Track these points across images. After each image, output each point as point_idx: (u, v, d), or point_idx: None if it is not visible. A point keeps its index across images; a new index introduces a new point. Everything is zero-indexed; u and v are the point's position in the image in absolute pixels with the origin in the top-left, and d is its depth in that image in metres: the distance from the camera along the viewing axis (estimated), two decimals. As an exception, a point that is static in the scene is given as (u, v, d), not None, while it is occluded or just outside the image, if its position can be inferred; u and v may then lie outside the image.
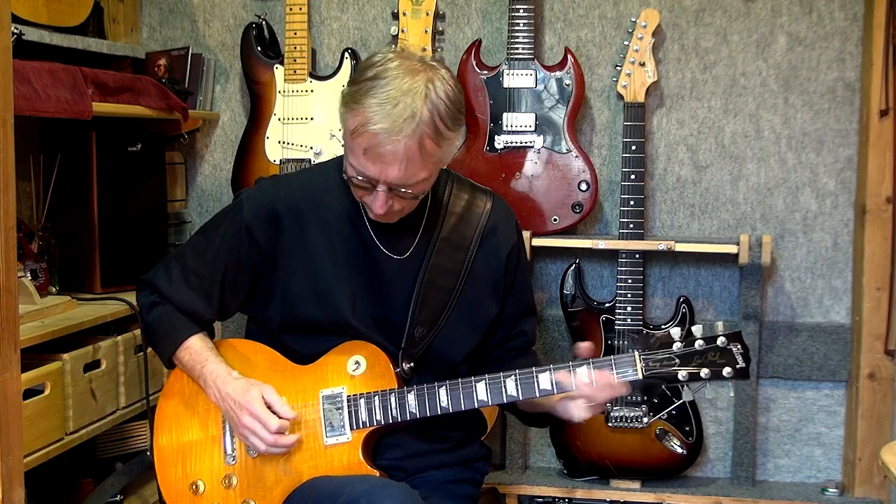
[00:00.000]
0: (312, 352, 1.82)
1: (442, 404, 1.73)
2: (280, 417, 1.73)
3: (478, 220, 1.85)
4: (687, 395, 2.55)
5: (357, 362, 1.78)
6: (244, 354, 1.86)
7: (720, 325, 1.74)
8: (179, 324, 1.84)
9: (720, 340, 1.71)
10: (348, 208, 1.80)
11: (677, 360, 1.71)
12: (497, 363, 1.91)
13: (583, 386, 1.70)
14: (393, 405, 1.74)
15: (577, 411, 1.73)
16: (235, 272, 1.83)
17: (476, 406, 1.74)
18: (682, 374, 1.71)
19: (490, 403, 1.74)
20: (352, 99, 1.64)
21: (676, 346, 1.71)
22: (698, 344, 1.71)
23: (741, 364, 1.71)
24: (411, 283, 1.80)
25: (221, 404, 1.78)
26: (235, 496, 1.79)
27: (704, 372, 1.71)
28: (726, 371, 1.71)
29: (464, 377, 1.75)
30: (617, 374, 1.70)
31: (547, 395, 1.73)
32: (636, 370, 1.70)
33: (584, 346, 1.77)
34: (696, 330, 1.73)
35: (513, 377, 1.72)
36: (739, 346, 1.71)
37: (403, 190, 1.65)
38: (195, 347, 1.83)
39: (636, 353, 1.71)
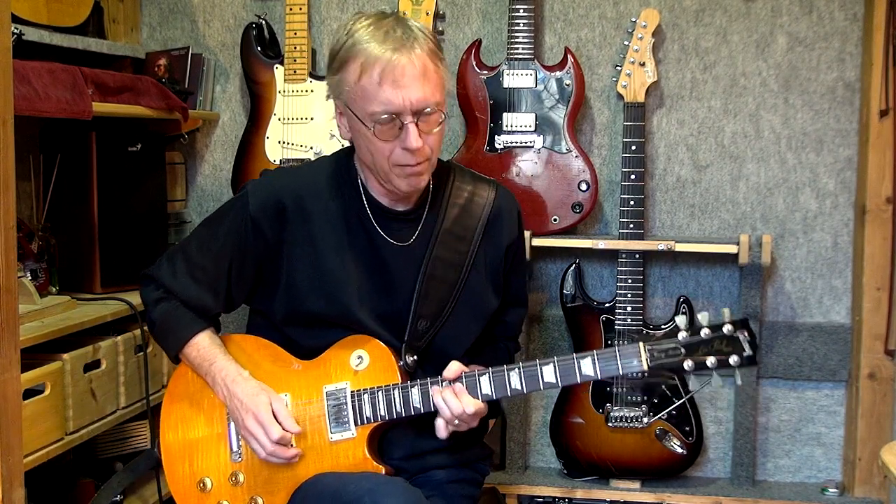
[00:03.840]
0: (316, 345, 1.81)
1: None
2: (283, 429, 1.72)
3: (480, 210, 1.84)
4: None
5: (360, 357, 1.78)
6: (246, 351, 1.86)
7: (727, 312, 1.68)
8: (186, 320, 1.84)
9: (726, 328, 1.66)
10: (353, 200, 1.80)
11: (683, 350, 1.67)
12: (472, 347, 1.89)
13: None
14: (397, 400, 1.74)
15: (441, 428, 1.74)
16: (241, 265, 1.82)
17: (480, 400, 1.73)
18: (687, 363, 1.67)
19: (494, 397, 1.73)
20: (341, 63, 1.67)
21: (682, 335, 1.67)
22: (704, 333, 1.66)
23: (748, 352, 1.65)
24: (414, 274, 1.79)
25: (228, 403, 1.78)
26: (243, 493, 1.79)
27: (711, 361, 1.66)
28: (733, 359, 1.66)
29: None
30: (622, 365, 1.68)
31: (551, 388, 1.73)
32: (641, 361, 1.67)
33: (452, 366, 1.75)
34: (702, 318, 1.68)
35: (516, 370, 1.71)
36: (747, 334, 1.66)
37: (428, 110, 1.65)
38: (203, 344, 1.83)
39: (641, 343, 1.68)
